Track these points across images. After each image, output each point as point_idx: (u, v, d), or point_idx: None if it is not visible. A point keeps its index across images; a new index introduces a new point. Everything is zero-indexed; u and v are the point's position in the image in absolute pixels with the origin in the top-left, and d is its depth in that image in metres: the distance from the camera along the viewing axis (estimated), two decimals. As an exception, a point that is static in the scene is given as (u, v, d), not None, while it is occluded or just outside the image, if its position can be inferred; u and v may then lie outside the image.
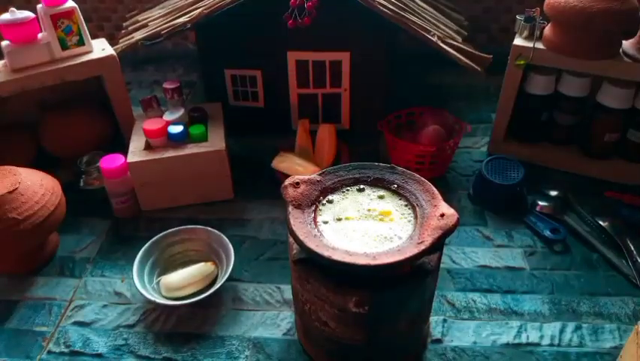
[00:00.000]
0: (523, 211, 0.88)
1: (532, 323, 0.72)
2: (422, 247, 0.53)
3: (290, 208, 0.59)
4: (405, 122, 1.00)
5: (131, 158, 0.85)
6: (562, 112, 0.94)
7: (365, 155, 1.01)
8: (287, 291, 0.77)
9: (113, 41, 0.97)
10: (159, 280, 0.75)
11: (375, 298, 0.55)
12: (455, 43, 0.93)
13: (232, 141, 1.04)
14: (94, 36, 0.91)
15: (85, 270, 0.81)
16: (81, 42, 0.89)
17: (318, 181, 0.63)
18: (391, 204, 0.62)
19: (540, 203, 0.88)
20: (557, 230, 0.83)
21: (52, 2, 0.85)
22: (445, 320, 0.72)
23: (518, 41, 0.89)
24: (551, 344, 0.69)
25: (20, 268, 0.80)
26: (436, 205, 0.58)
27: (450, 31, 1.00)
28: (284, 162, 0.91)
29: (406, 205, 0.61)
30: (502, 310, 0.73)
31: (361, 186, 0.64)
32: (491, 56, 0.93)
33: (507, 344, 0.69)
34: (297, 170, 0.89)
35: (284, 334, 0.71)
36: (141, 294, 0.72)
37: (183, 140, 0.88)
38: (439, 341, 0.70)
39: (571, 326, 0.71)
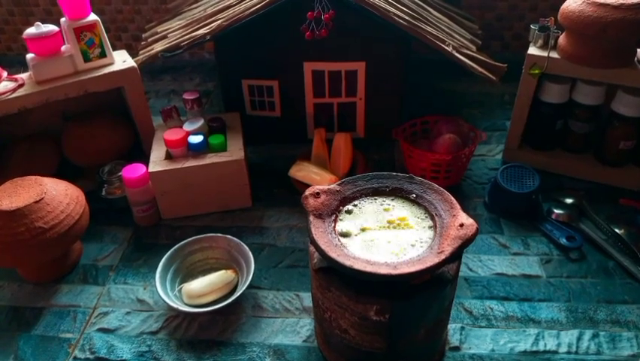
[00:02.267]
0: (538, 219, 0.88)
1: (549, 331, 0.72)
2: (442, 256, 0.54)
3: (311, 218, 0.60)
4: (420, 130, 1.02)
5: (153, 168, 0.86)
6: (576, 120, 0.95)
7: (381, 163, 1.03)
8: (306, 298, 0.78)
9: (131, 51, 0.99)
10: (181, 288, 0.77)
11: (396, 307, 0.56)
12: (470, 52, 0.94)
13: (250, 150, 1.06)
14: (112, 46, 0.93)
15: (108, 277, 0.83)
16: (103, 54, 0.91)
17: (337, 191, 0.64)
18: (410, 214, 0.63)
19: (555, 211, 0.89)
20: (573, 238, 0.83)
21: (76, 16, 0.87)
22: (462, 328, 0.73)
23: (533, 50, 0.90)
24: (569, 352, 0.69)
25: (45, 276, 0.82)
26: (454, 215, 0.59)
27: (464, 41, 1.01)
28: (301, 171, 0.92)
29: (425, 215, 0.62)
30: (520, 318, 0.74)
31: (380, 196, 0.65)
32: (506, 65, 0.94)
33: (524, 352, 0.70)
34: (314, 179, 0.90)
35: (304, 341, 0.72)
36: (164, 301, 0.73)
37: (203, 150, 0.89)
38: (457, 348, 0.71)
39: (588, 333, 0.72)
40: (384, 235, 0.60)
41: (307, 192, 0.63)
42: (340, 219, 0.62)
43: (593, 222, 0.88)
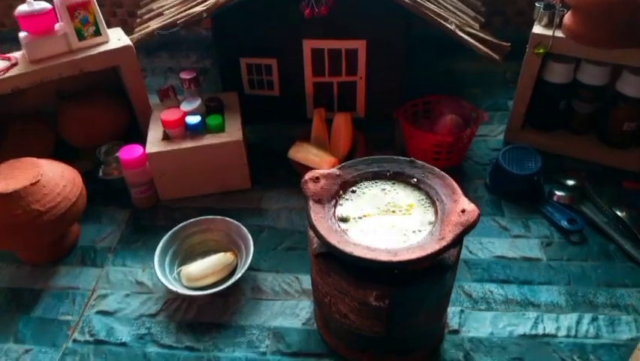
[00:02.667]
0: (540, 201, 0.88)
1: (548, 315, 0.72)
2: (443, 243, 0.54)
3: (311, 203, 0.59)
4: (421, 110, 1.00)
5: (150, 149, 0.85)
6: (580, 100, 0.93)
7: (381, 143, 1.02)
8: (305, 281, 0.78)
9: (126, 28, 0.97)
10: (180, 270, 0.77)
11: (396, 293, 0.56)
12: (473, 31, 0.92)
13: (248, 129, 1.05)
14: (106, 22, 0.91)
15: (106, 259, 0.83)
16: (97, 32, 0.89)
17: (337, 175, 0.63)
18: (411, 199, 0.62)
19: (557, 193, 0.88)
20: (574, 220, 0.83)
21: (69, -7, 0.85)
22: (462, 311, 0.73)
23: (537, 29, 0.88)
24: (568, 335, 0.70)
25: (43, 258, 0.82)
26: (456, 200, 0.59)
27: (467, 18, 0.98)
28: (300, 152, 0.91)
29: (426, 200, 0.62)
30: (519, 302, 0.74)
31: (381, 180, 0.64)
32: (509, 45, 0.92)
33: (524, 335, 0.70)
34: (313, 160, 0.89)
35: (303, 324, 0.72)
36: (163, 285, 0.73)
37: (201, 130, 0.88)
38: (456, 331, 0.71)
39: (587, 317, 0.72)
40: (385, 221, 0.59)
41: (307, 176, 0.62)
42: (340, 204, 0.61)
43: (595, 205, 0.87)
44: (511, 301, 0.74)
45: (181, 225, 0.80)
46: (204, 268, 0.76)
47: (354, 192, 0.63)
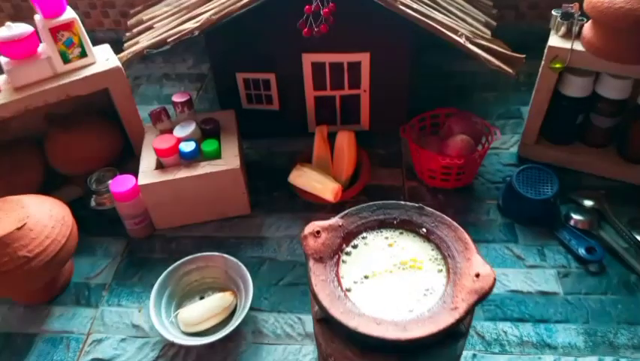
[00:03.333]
0: (556, 226, 0.83)
1: (566, 358, 0.68)
2: (456, 315, 0.49)
3: (311, 264, 0.55)
4: (429, 124, 0.94)
5: (142, 180, 0.81)
6: (599, 114, 0.87)
7: (387, 158, 0.97)
8: (308, 322, 0.74)
9: (119, 29, 0.91)
10: (177, 314, 0.73)
11: (405, 363, 0.52)
12: (485, 43, 0.85)
13: (247, 145, 1.01)
14: (98, 23, 0.85)
15: (101, 298, 0.79)
16: (83, 54, 0.84)
17: (339, 226, 0.59)
18: (420, 253, 0.57)
19: (574, 217, 0.83)
20: (593, 249, 0.78)
21: (51, 14, 0.79)
22: (474, 355, 0.69)
23: (554, 41, 0.82)
24: (587, 383, 0.66)
25: (35, 300, 0.78)
26: (469, 258, 0.54)
27: (478, 25, 0.92)
28: (301, 178, 0.86)
29: (437, 254, 0.57)
30: (535, 344, 0.70)
31: (387, 229, 0.60)
32: (524, 57, 0.86)
33: (540, 383, 0.66)
34: (315, 187, 0.84)
35: (307, 372, 0.69)
36: (160, 334, 0.70)
37: (196, 157, 0.83)
38: (468, 379, 0.67)
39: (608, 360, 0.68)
40: (392, 281, 0.55)
41: (306, 230, 0.57)
42: (343, 261, 0.57)
43: (614, 228, 0.82)
44: (527, 343, 0.70)
45: (176, 264, 0.76)
46: (202, 312, 0.72)
47: (357, 245, 0.58)
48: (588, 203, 0.86)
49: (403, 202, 0.61)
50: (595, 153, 0.91)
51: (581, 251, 0.78)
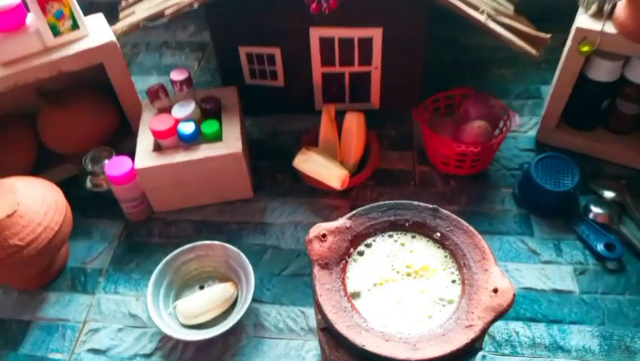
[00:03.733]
0: (574, 219, 0.79)
1: (579, 363, 0.66)
2: (471, 334, 0.46)
3: (316, 271, 0.51)
4: (444, 105, 0.89)
5: (139, 163, 0.77)
6: (627, 100, 0.81)
7: (397, 140, 0.92)
8: (312, 316, 0.71)
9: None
10: (175, 305, 0.70)
11: (413, 379, 0.49)
12: (508, 21, 0.79)
13: (250, 122, 0.96)
14: None
15: (97, 285, 0.76)
16: (75, 26, 0.78)
17: (347, 228, 0.55)
18: (433, 260, 0.54)
19: (594, 209, 0.79)
20: (612, 246, 0.74)
21: (38, -18, 0.73)
22: (484, 356, 0.67)
23: (582, 21, 0.75)
24: (601, 390, 0.63)
25: (30, 285, 0.76)
26: (487, 269, 0.50)
27: (500, 0, 0.85)
28: (307, 163, 0.82)
29: (451, 262, 0.53)
30: (547, 346, 0.67)
31: (397, 232, 0.56)
32: (549, 37, 0.80)
33: (551, 388, 0.64)
34: (321, 174, 0.80)
35: (310, 369, 0.67)
36: (158, 327, 0.67)
37: (195, 140, 0.79)
38: (477, 382, 0.64)
39: (624, 367, 0.65)
40: (401, 289, 0.51)
41: (312, 233, 0.53)
42: (350, 267, 0.53)
43: (636, 223, 0.78)
44: (539, 345, 0.67)
45: (174, 253, 0.73)
46: (202, 304, 0.69)
47: (366, 248, 0.55)
48: (609, 194, 0.81)
49: (416, 203, 0.57)
50: (618, 141, 0.86)
51: (600, 248, 0.75)
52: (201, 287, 0.74)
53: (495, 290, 0.48)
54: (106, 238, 0.82)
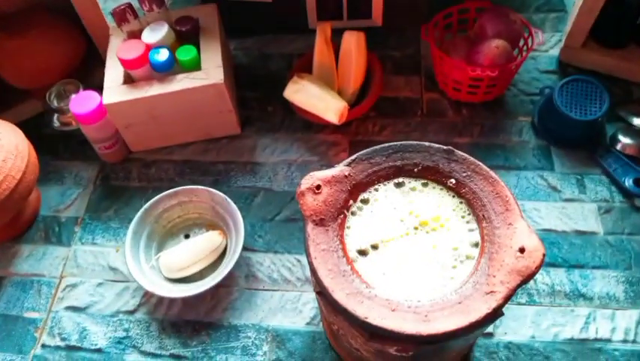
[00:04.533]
0: (599, 150, 0.70)
1: (602, 311, 0.60)
2: (493, 303, 0.39)
3: (309, 228, 0.44)
4: (456, 21, 0.78)
5: (108, 98, 0.67)
6: (668, 11, 0.70)
7: (402, 63, 0.82)
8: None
9: None
10: (159, 257, 0.64)
11: (422, 349, 0.43)
12: None
13: (236, 45, 0.86)
14: None
15: (73, 235, 0.70)
16: None
17: (345, 177, 0.46)
18: (447, 210, 0.46)
19: (622, 140, 0.70)
20: (643, 181, 0.67)
21: None
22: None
23: None
24: (625, 340, 0.58)
25: (0, 236, 0.69)
26: (511, 224, 0.43)
27: None
28: (299, 93, 0.72)
29: (468, 214, 0.45)
30: (567, 293, 0.61)
31: (406, 178, 0.48)
32: None
33: (571, 340, 0.58)
34: (316, 106, 0.70)
35: (307, 323, 0.61)
36: (139, 284, 0.61)
37: (170, 68, 0.69)
38: (489, 335, 0.59)
39: (651, 315, 0.59)
40: (410, 248, 0.44)
41: (303, 185, 0.45)
42: (350, 222, 0.46)
43: (669, 154, 0.70)
44: (558, 293, 0.61)
45: (154, 199, 0.65)
46: (187, 256, 0.63)
47: (367, 202, 0.47)
48: (639, 122, 0.72)
49: (427, 143, 0.48)
50: (653, 59, 0.75)
51: (628, 183, 0.67)
52: (187, 236, 0.67)
53: (522, 250, 0.40)
54: (80, 182, 0.74)
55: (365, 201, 0.47)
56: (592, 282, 0.62)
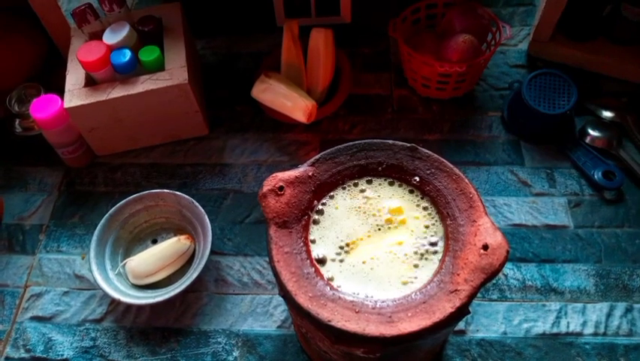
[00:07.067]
0: (569, 144, 0.70)
1: (573, 305, 0.60)
2: (457, 302, 0.38)
3: (272, 231, 0.43)
4: (424, 16, 0.77)
5: (69, 102, 0.65)
6: (631, 4, 0.71)
7: (372, 60, 0.82)
8: (280, 268, 0.64)
9: None
10: (125, 264, 0.62)
11: (390, 350, 0.42)
12: None
13: (202, 45, 0.84)
14: None
15: (37, 243, 0.68)
16: None
17: (309, 177, 0.46)
18: (411, 209, 0.45)
19: (591, 133, 0.71)
20: (612, 174, 0.67)
21: None
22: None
23: None
24: (596, 334, 0.58)
25: (-41, 247, 0.67)
26: (475, 221, 0.42)
27: None
28: (267, 92, 0.71)
29: (433, 211, 0.45)
30: (539, 288, 0.61)
31: (369, 178, 0.47)
32: None
33: (543, 335, 0.58)
34: (284, 105, 0.69)
35: (279, 326, 0.60)
36: (104, 292, 0.59)
37: (133, 70, 0.67)
38: (462, 332, 0.59)
39: (620, 308, 0.59)
40: (374, 248, 0.43)
41: (265, 186, 0.44)
42: (314, 223, 0.45)
43: (637, 147, 0.70)
44: (530, 288, 0.61)
45: (119, 205, 0.64)
46: (154, 262, 0.61)
47: (331, 201, 0.46)
48: (608, 114, 0.73)
49: (390, 141, 0.47)
50: (620, 52, 0.76)
51: (598, 176, 0.67)
52: (154, 241, 0.66)
53: (485, 247, 0.40)
54: (44, 188, 0.72)
55: (329, 202, 0.46)
56: (563, 276, 0.62)
